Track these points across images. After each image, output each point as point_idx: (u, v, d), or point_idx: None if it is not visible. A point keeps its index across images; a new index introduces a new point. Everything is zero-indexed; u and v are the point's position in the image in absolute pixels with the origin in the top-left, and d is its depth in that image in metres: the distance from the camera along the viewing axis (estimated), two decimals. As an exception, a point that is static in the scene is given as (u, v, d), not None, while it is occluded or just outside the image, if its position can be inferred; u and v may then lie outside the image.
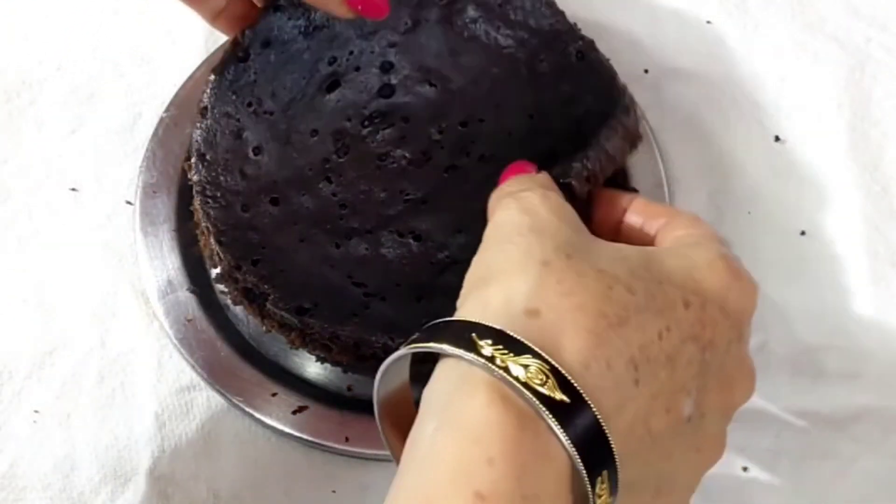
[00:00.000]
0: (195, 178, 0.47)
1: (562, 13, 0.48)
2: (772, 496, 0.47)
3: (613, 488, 0.31)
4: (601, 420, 0.30)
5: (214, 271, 0.49)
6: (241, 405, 0.48)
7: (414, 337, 0.33)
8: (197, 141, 0.47)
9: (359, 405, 0.48)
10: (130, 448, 0.48)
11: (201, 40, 0.57)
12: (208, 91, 0.48)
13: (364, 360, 0.46)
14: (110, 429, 0.48)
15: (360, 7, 0.44)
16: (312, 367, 0.49)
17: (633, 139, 0.44)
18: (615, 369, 0.31)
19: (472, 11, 0.49)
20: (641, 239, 0.40)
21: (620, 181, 0.48)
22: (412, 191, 0.47)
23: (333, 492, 0.47)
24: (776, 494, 0.47)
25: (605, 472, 0.31)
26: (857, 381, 0.50)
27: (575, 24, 0.48)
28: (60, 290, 0.51)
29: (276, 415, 0.47)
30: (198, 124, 0.48)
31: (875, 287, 0.52)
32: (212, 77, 0.48)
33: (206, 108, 0.48)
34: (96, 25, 0.58)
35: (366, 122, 0.48)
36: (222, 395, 0.48)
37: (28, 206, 0.53)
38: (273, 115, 0.48)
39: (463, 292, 0.35)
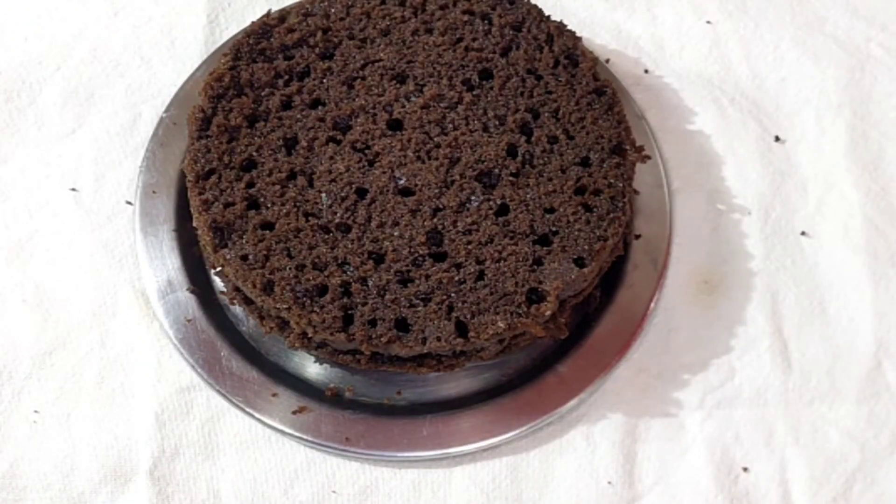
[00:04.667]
0: None
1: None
2: (772, 496, 0.47)
3: None
4: None
5: (213, 271, 0.50)
6: (241, 405, 0.48)
7: None
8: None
9: (359, 406, 0.48)
10: (130, 448, 0.48)
11: (201, 40, 0.57)
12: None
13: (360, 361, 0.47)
14: (110, 429, 0.48)
15: None
16: (312, 368, 0.49)
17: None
18: None
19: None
20: None
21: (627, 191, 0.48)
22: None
23: (333, 492, 0.47)
24: (776, 494, 0.47)
25: None
26: (858, 381, 0.50)
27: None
28: (60, 290, 0.51)
29: (277, 415, 0.47)
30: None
31: (875, 287, 0.52)
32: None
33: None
34: (96, 26, 0.58)
35: None
36: (222, 395, 0.48)
37: (28, 206, 0.53)
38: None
39: None
